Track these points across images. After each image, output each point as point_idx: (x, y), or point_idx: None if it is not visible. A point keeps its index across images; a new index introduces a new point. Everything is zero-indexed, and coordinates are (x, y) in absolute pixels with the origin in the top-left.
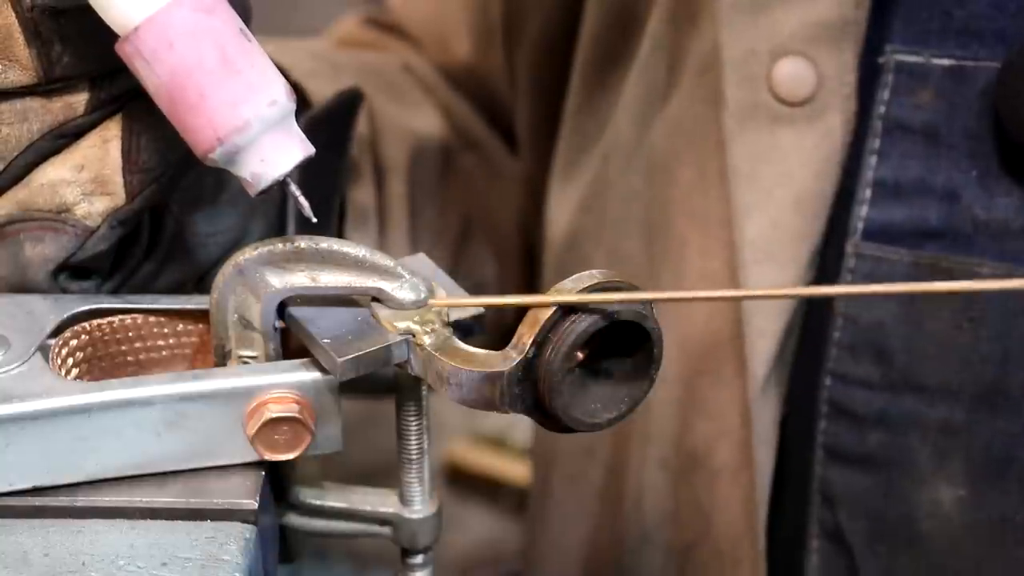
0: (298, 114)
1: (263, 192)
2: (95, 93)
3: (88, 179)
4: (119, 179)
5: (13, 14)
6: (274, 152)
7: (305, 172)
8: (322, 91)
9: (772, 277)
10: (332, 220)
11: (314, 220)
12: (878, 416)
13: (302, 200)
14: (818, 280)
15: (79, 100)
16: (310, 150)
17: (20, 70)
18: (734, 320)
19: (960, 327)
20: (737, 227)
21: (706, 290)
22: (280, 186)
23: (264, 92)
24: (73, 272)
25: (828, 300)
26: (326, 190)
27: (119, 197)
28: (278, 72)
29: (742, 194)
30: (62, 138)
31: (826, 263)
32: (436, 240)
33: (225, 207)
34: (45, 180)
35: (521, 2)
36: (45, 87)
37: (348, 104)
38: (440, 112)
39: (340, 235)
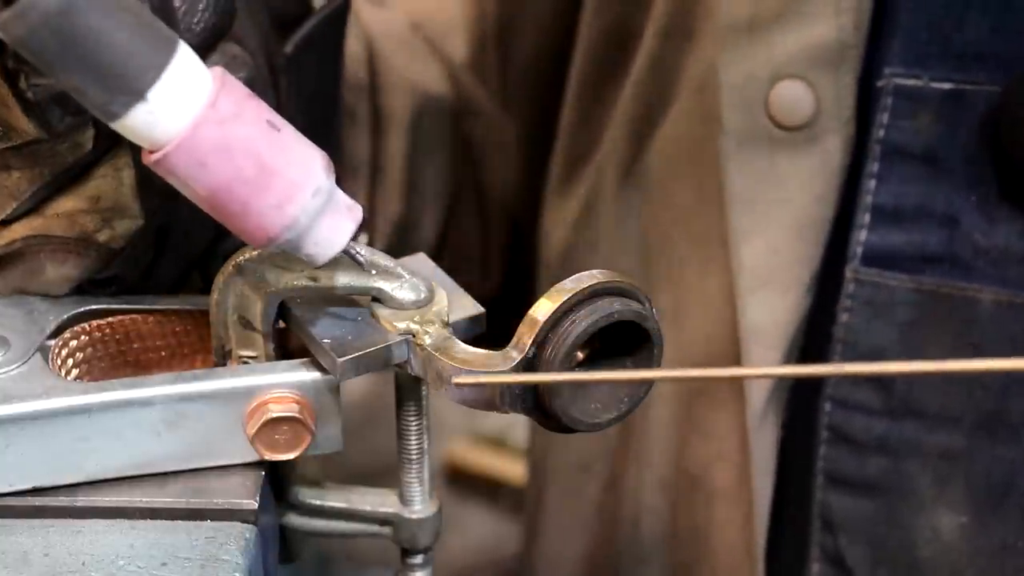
0: (289, 33)
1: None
2: (100, 128)
3: (106, 207)
4: (136, 204)
5: (5, 85)
6: (327, 233)
7: (303, 90)
8: None
9: (771, 303)
10: (336, 136)
11: (372, 274)
12: (878, 442)
13: (360, 260)
14: (818, 305)
15: (85, 138)
16: (358, 217)
17: (23, 132)
18: (732, 342)
19: (960, 353)
20: (735, 252)
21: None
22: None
23: (306, 187)
24: (92, 284)
25: (828, 325)
26: (324, 109)
27: (139, 219)
28: (315, 151)
29: (740, 218)
30: (72, 170)
31: (825, 289)
32: (429, 201)
33: None
34: (61, 211)
35: (515, 16)
36: (49, 139)
37: (336, 16)
38: (446, 73)
39: (339, 151)
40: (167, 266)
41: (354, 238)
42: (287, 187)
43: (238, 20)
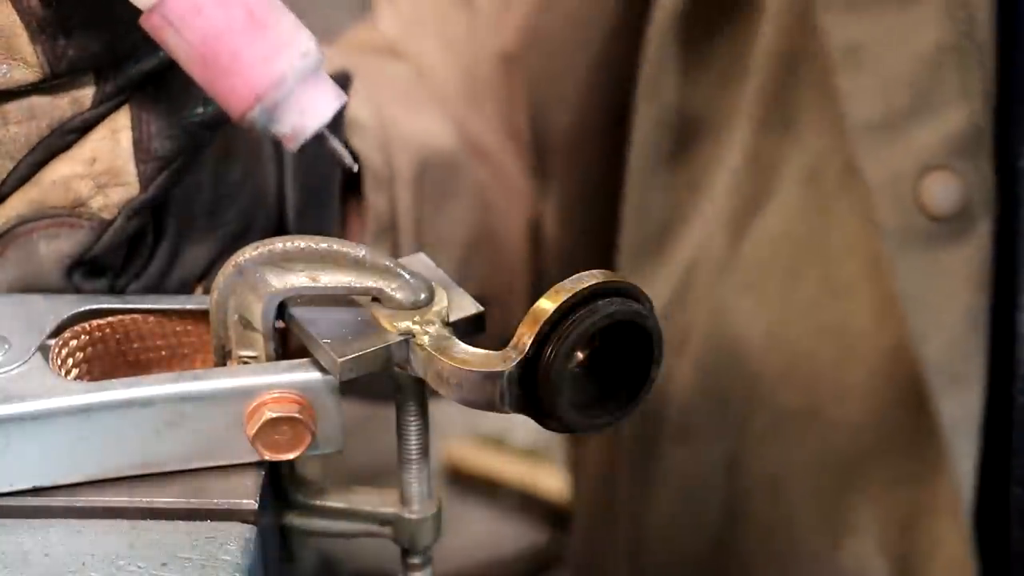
0: None
1: (302, 147)
2: (101, 86)
3: (101, 171)
4: (132, 168)
5: (14, 12)
6: (311, 102)
7: (304, 157)
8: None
9: (961, 399)
10: (333, 209)
11: (355, 168)
12: None
13: (341, 150)
14: (997, 394)
15: (85, 94)
16: (343, 98)
17: (25, 68)
18: (889, 434)
19: None
20: (918, 352)
21: None
22: (315, 139)
23: (295, 45)
24: (88, 270)
25: (1007, 411)
26: (322, 178)
27: (133, 187)
28: (303, 26)
29: (917, 318)
30: (70, 133)
31: (1001, 375)
32: (441, 253)
33: (224, 200)
34: (56, 176)
35: (547, 100)
36: (51, 82)
37: (340, 86)
38: (451, 123)
39: (343, 223)
40: (177, 272)
41: (336, 129)
42: (276, 43)
43: None
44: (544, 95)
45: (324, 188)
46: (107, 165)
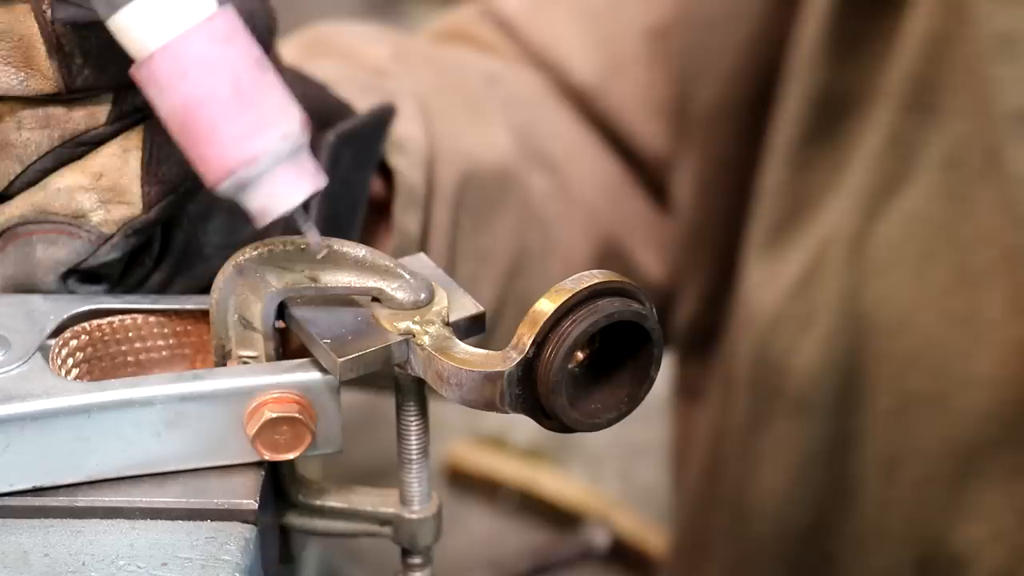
0: (331, 125)
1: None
2: (118, 105)
3: (106, 187)
4: (137, 189)
5: (36, 24)
6: (284, 186)
7: (331, 186)
8: (391, 92)
9: None
10: (355, 233)
11: (322, 254)
12: None
13: (312, 232)
14: None
15: (101, 110)
16: (321, 184)
17: (41, 79)
18: (1016, 423)
19: None
20: None
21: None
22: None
23: (277, 126)
24: (82, 277)
25: None
26: (348, 206)
27: (136, 207)
28: (294, 104)
29: None
30: (82, 146)
31: None
32: (480, 270)
33: (241, 219)
34: (63, 185)
35: (697, 71)
36: (67, 96)
37: (379, 121)
38: (513, 131)
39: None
40: (177, 286)
41: (307, 207)
42: (257, 121)
43: None
44: (693, 68)
45: (346, 217)
46: (113, 182)
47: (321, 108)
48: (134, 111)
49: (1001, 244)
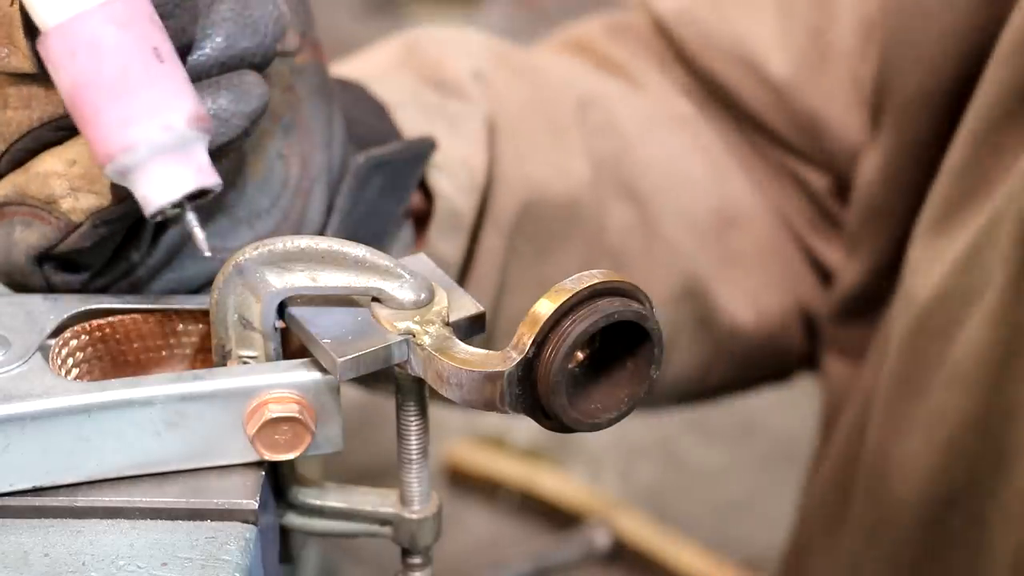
0: (364, 143)
1: (157, 218)
2: None
3: (77, 174)
4: (105, 179)
5: (17, 3)
6: (164, 178)
7: (355, 211)
8: (455, 116)
9: None
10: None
11: (207, 255)
12: None
13: (198, 233)
14: None
15: None
16: (209, 181)
17: (21, 57)
18: None
19: None
20: None
21: None
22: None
23: (158, 116)
24: (59, 264)
25: None
26: (375, 233)
27: (105, 197)
28: (190, 97)
29: None
30: (62, 130)
31: None
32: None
33: (242, 225)
34: (41, 169)
35: (903, 55)
36: (45, 76)
37: (416, 153)
38: (595, 159)
39: None
40: (160, 283)
41: (200, 206)
42: (139, 108)
43: (307, 106)
44: (898, 55)
45: (372, 245)
46: (84, 170)
47: (373, 133)
48: None
49: None
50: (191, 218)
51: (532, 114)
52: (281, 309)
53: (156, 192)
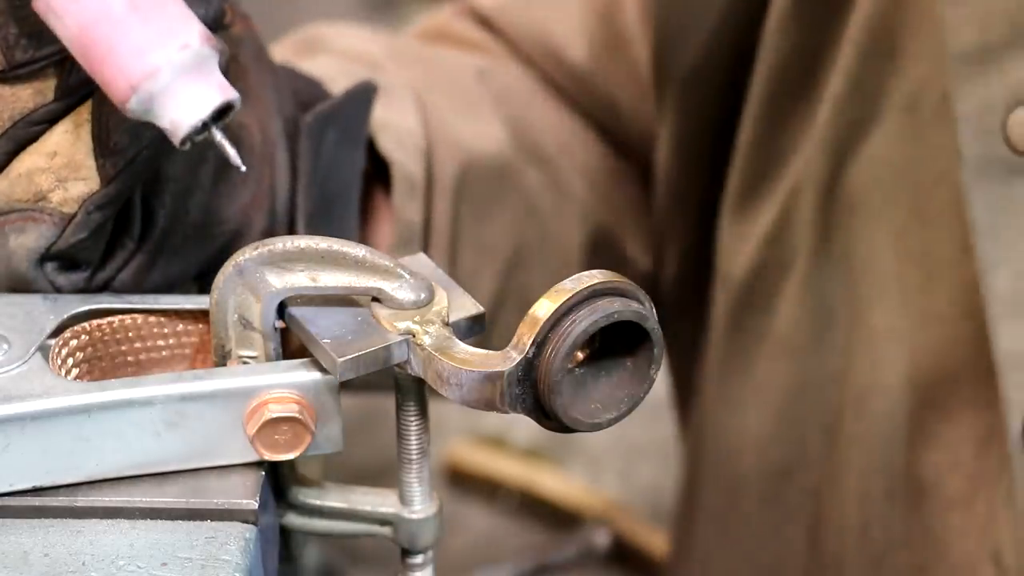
0: (309, 107)
1: (188, 142)
2: (63, 78)
3: (61, 165)
4: (91, 163)
5: None
6: (190, 97)
7: (318, 168)
8: (387, 84)
9: (1018, 332)
10: (351, 218)
11: (242, 168)
12: None
13: (228, 148)
14: None
15: (48, 86)
16: (231, 95)
17: None
18: (969, 360)
19: None
20: (984, 282)
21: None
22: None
23: (174, 37)
24: (61, 264)
25: None
26: (340, 186)
27: (93, 181)
28: (194, 18)
29: (986, 248)
30: (35, 125)
31: None
32: (481, 263)
33: (223, 199)
34: (23, 169)
35: (675, 33)
36: (11, 73)
37: (360, 99)
38: (507, 126)
39: (365, 231)
40: (160, 269)
41: (224, 127)
42: (154, 34)
43: (253, 74)
44: (671, 30)
45: (340, 197)
46: (67, 159)
47: (311, 98)
48: (81, 84)
49: (954, 184)
50: (220, 137)
51: (442, 87)
52: (281, 309)
53: (185, 113)
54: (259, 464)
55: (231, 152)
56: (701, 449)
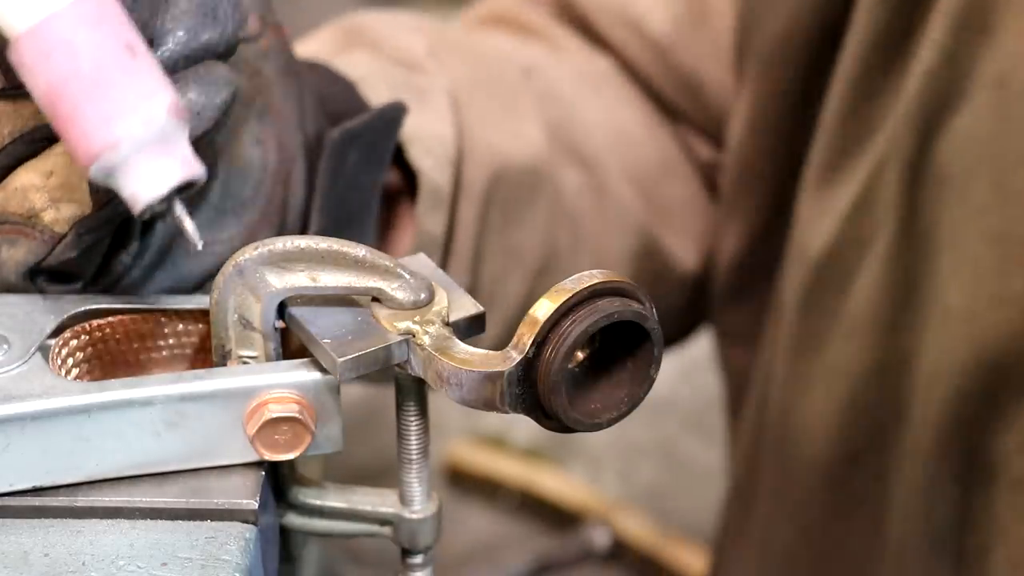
0: (338, 118)
1: (146, 215)
2: None
3: (56, 185)
4: (86, 186)
5: None
6: (150, 173)
7: (336, 188)
8: (421, 89)
9: None
10: (367, 236)
11: (199, 247)
12: None
13: (189, 226)
14: None
15: None
16: (195, 172)
17: None
18: None
19: None
20: None
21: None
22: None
23: (140, 110)
24: (51, 276)
25: None
26: (357, 207)
27: (85, 205)
28: (167, 88)
29: None
30: (36, 143)
31: None
32: (510, 267)
33: (228, 216)
34: (19, 184)
35: (761, 5)
36: (12, 92)
37: (388, 119)
38: (547, 127)
39: (381, 247)
40: (156, 283)
41: (186, 199)
42: (120, 103)
43: (277, 88)
44: (758, 3)
45: (356, 218)
46: (62, 180)
47: (345, 109)
48: None
49: None
50: (180, 211)
51: (484, 86)
52: (281, 309)
53: (144, 188)
54: (259, 464)
55: (189, 228)
56: (763, 430)
